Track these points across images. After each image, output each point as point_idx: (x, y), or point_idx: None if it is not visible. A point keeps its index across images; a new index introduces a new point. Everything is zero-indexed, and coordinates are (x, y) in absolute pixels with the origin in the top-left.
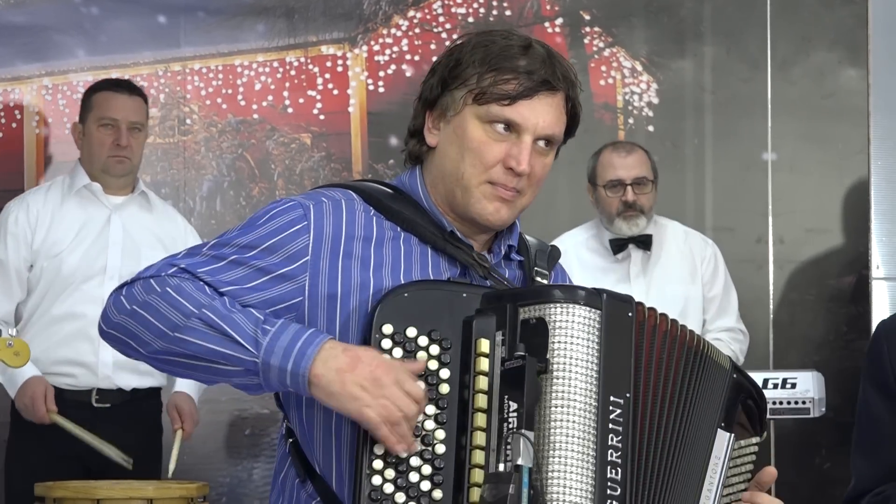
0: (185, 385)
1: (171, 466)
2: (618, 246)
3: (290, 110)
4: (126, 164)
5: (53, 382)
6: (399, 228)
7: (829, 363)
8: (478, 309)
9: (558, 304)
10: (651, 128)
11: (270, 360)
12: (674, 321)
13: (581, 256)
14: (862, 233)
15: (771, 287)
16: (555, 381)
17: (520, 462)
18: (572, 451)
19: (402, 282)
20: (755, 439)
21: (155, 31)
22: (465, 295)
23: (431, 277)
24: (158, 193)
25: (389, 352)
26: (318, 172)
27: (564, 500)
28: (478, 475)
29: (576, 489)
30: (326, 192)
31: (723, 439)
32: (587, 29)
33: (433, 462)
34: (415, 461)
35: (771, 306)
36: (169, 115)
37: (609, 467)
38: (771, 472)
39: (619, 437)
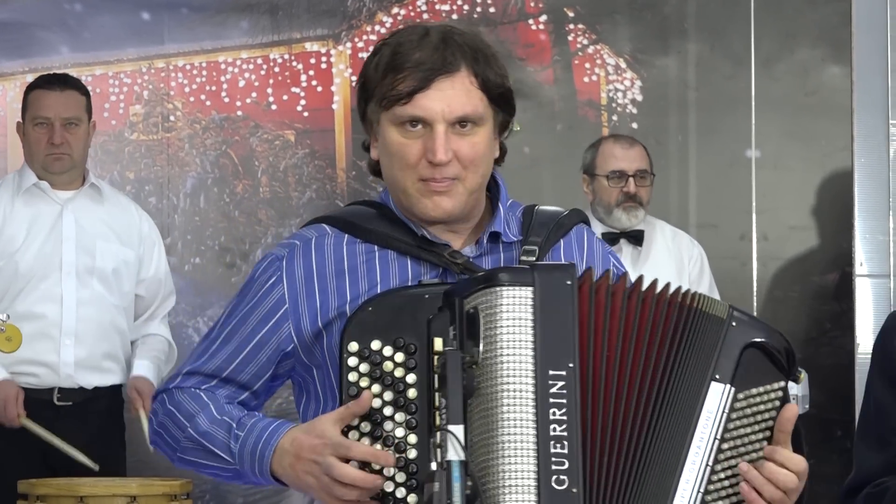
0: (143, 369)
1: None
2: (610, 239)
3: (273, 107)
4: (65, 160)
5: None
6: (376, 247)
7: (813, 360)
8: (439, 307)
9: (489, 290)
10: (635, 125)
11: (244, 466)
12: (654, 282)
13: None
14: (845, 230)
15: (755, 284)
16: (491, 368)
17: (448, 458)
18: (510, 433)
19: None
20: (777, 384)
21: (138, 27)
22: (427, 296)
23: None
24: (142, 190)
25: (356, 368)
26: (302, 169)
27: (504, 486)
28: None
29: (515, 471)
30: (302, 232)
31: (716, 392)
32: (571, 26)
33: (407, 468)
34: (388, 471)
35: (755, 303)
36: (153, 111)
37: (553, 442)
38: (790, 410)
39: (564, 410)
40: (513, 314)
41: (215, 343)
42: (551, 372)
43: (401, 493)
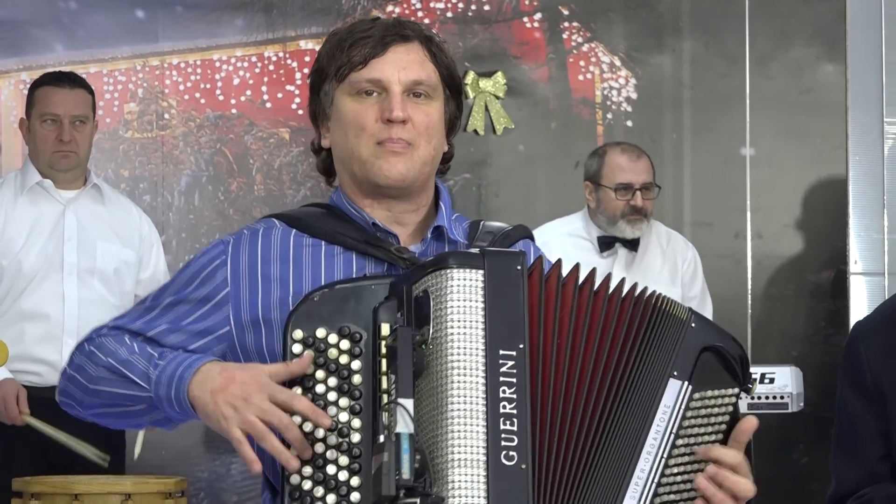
0: None
1: (137, 450)
2: (605, 243)
3: (268, 105)
4: (72, 158)
5: (18, 380)
6: (323, 242)
7: (808, 358)
8: (386, 296)
9: (437, 273)
10: (629, 123)
11: (160, 391)
12: (621, 282)
13: (564, 248)
14: (840, 228)
15: (749, 282)
16: (441, 346)
17: (398, 430)
18: (461, 408)
19: None
20: (730, 391)
21: (133, 25)
22: (373, 287)
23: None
24: (136, 188)
25: (300, 356)
26: (297, 167)
27: (453, 459)
28: None
29: (465, 446)
30: (252, 224)
31: (674, 388)
32: (566, 24)
33: (350, 451)
34: (331, 454)
35: (749, 301)
36: (147, 109)
37: (503, 419)
38: (748, 422)
39: (514, 389)
40: (463, 296)
41: (151, 312)
42: (501, 352)
43: (343, 476)
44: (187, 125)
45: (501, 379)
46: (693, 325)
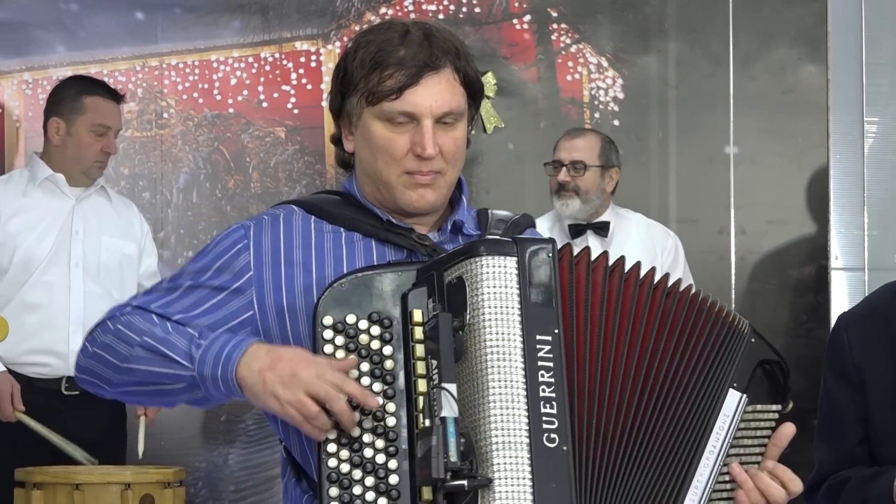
0: None
1: (140, 448)
2: (576, 231)
3: (264, 104)
4: (104, 167)
5: (24, 372)
6: (342, 229)
7: (790, 352)
8: (414, 283)
9: (472, 259)
10: (616, 122)
11: (204, 371)
12: (651, 270)
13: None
14: (821, 224)
15: (733, 277)
16: (478, 332)
17: (443, 414)
18: (501, 392)
19: None
20: (775, 407)
21: (133, 27)
22: (401, 273)
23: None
24: (136, 186)
25: (332, 341)
26: (293, 165)
27: (497, 443)
28: None
29: (507, 429)
30: (270, 210)
31: (734, 398)
32: (554, 25)
33: (386, 435)
34: (367, 438)
35: (733, 296)
36: (146, 109)
37: (543, 402)
38: (788, 428)
39: (552, 373)
40: (497, 282)
41: (172, 293)
42: (538, 336)
43: (381, 458)
44: (185, 124)
45: (539, 363)
46: (753, 339)
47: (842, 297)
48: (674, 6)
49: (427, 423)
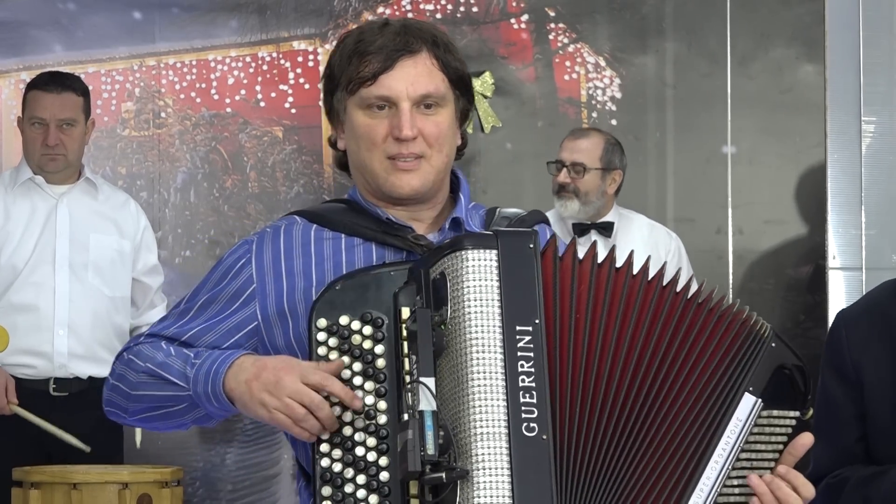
0: None
1: (138, 440)
2: (580, 230)
3: (262, 104)
4: (59, 160)
5: (11, 373)
6: (342, 235)
7: None
8: (405, 282)
9: (452, 255)
10: (614, 122)
11: (198, 389)
12: (661, 271)
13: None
14: (819, 224)
15: (730, 277)
16: (460, 325)
17: (421, 408)
18: (481, 384)
19: None
20: (793, 413)
21: (130, 26)
22: (392, 273)
23: None
24: (134, 185)
25: (326, 343)
26: (290, 165)
27: (476, 434)
28: None
29: (486, 420)
30: (273, 222)
31: (748, 402)
32: (552, 25)
33: (377, 433)
34: (359, 436)
35: (730, 295)
36: (144, 108)
37: (522, 392)
38: (806, 437)
39: (532, 363)
40: (478, 275)
41: (185, 316)
42: (518, 327)
43: (372, 456)
44: (183, 124)
45: (519, 354)
46: (773, 344)
47: (839, 297)
48: (671, 6)
49: (405, 417)
